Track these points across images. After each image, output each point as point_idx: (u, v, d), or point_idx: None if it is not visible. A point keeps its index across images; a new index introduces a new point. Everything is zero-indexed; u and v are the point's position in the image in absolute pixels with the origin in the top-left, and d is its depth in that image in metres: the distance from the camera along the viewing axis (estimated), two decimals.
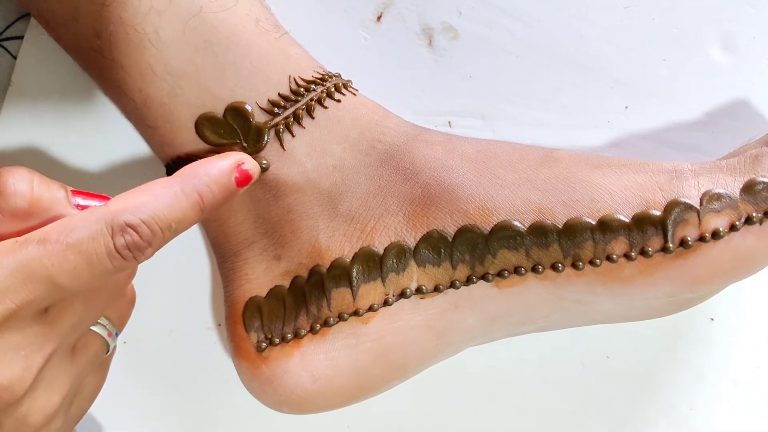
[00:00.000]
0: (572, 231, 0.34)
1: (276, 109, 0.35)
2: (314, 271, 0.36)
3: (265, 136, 0.35)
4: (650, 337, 0.40)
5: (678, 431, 0.40)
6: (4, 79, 0.41)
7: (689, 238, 0.33)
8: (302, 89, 0.35)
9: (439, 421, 0.40)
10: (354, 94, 0.37)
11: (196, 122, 0.35)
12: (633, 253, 0.34)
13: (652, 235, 0.34)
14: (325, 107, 0.36)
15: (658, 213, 0.34)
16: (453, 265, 0.35)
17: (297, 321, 0.36)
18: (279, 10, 0.37)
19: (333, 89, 0.36)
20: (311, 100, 0.35)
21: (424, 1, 0.41)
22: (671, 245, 0.33)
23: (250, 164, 0.34)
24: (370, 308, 0.35)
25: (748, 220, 0.33)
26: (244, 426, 0.41)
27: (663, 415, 0.40)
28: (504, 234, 0.34)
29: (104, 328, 0.33)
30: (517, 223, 0.34)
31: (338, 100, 0.36)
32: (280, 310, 0.36)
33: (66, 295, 0.30)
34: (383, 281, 0.35)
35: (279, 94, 0.35)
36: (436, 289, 0.35)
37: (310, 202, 0.36)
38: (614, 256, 0.34)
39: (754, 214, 0.33)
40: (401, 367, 0.36)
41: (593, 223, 0.34)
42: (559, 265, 0.34)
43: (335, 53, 0.40)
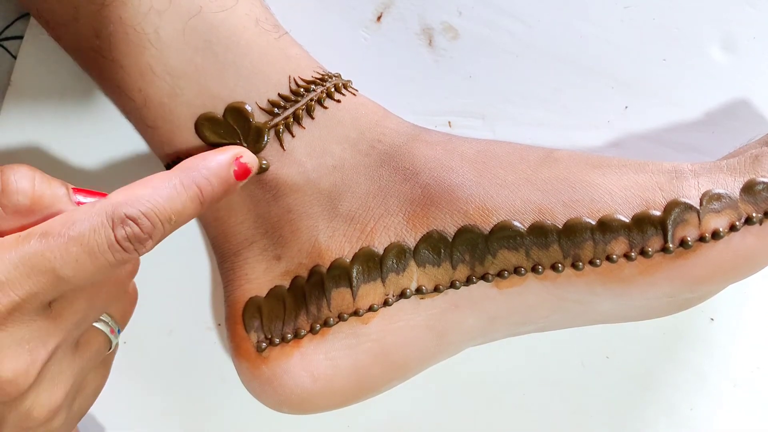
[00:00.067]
0: (572, 231, 0.34)
1: (276, 110, 0.35)
2: (314, 271, 0.36)
3: (265, 137, 0.35)
4: (650, 337, 0.40)
5: (678, 431, 0.40)
6: (4, 79, 0.41)
7: (689, 239, 0.33)
8: (302, 89, 0.35)
9: (439, 421, 0.40)
10: (354, 95, 0.37)
11: (196, 122, 0.35)
12: (633, 254, 0.34)
13: (652, 236, 0.34)
14: (325, 107, 0.36)
15: (658, 213, 0.34)
16: (453, 265, 0.35)
17: (297, 321, 0.36)
18: (279, 10, 0.37)
19: (333, 89, 0.36)
20: (311, 100, 0.35)
21: (424, 1, 0.40)
22: (671, 245, 0.33)
23: (249, 158, 0.34)
24: (370, 308, 0.35)
25: (748, 221, 0.33)
26: (244, 426, 0.41)
27: (663, 415, 0.40)
28: (504, 234, 0.34)
29: (107, 325, 0.33)
30: (517, 223, 0.34)
31: (338, 101, 0.36)
32: (280, 310, 0.36)
33: (69, 289, 0.30)
34: (383, 281, 0.35)
35: (279, 94, 0.35)
36: (436, 289, 0.35)
37: (310, 202, 0.36)
38: (614, 256, 0.34)
39: (754, 214, 0.33)
40: (401, 367, 0.36)
41: (593, 223, 0.34)
42: (559, 265, 0.34)
43: (335, 53, 0.40)
